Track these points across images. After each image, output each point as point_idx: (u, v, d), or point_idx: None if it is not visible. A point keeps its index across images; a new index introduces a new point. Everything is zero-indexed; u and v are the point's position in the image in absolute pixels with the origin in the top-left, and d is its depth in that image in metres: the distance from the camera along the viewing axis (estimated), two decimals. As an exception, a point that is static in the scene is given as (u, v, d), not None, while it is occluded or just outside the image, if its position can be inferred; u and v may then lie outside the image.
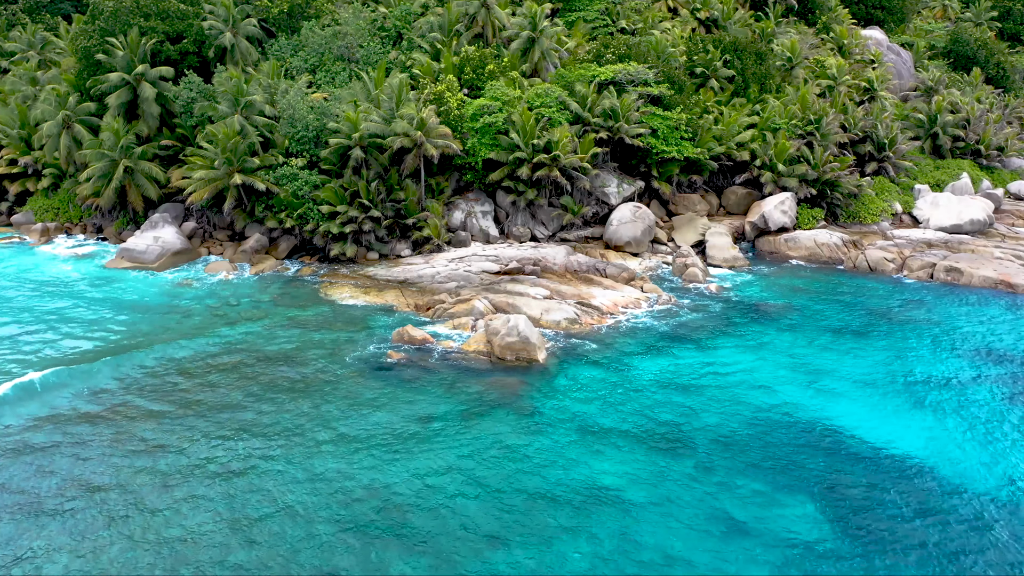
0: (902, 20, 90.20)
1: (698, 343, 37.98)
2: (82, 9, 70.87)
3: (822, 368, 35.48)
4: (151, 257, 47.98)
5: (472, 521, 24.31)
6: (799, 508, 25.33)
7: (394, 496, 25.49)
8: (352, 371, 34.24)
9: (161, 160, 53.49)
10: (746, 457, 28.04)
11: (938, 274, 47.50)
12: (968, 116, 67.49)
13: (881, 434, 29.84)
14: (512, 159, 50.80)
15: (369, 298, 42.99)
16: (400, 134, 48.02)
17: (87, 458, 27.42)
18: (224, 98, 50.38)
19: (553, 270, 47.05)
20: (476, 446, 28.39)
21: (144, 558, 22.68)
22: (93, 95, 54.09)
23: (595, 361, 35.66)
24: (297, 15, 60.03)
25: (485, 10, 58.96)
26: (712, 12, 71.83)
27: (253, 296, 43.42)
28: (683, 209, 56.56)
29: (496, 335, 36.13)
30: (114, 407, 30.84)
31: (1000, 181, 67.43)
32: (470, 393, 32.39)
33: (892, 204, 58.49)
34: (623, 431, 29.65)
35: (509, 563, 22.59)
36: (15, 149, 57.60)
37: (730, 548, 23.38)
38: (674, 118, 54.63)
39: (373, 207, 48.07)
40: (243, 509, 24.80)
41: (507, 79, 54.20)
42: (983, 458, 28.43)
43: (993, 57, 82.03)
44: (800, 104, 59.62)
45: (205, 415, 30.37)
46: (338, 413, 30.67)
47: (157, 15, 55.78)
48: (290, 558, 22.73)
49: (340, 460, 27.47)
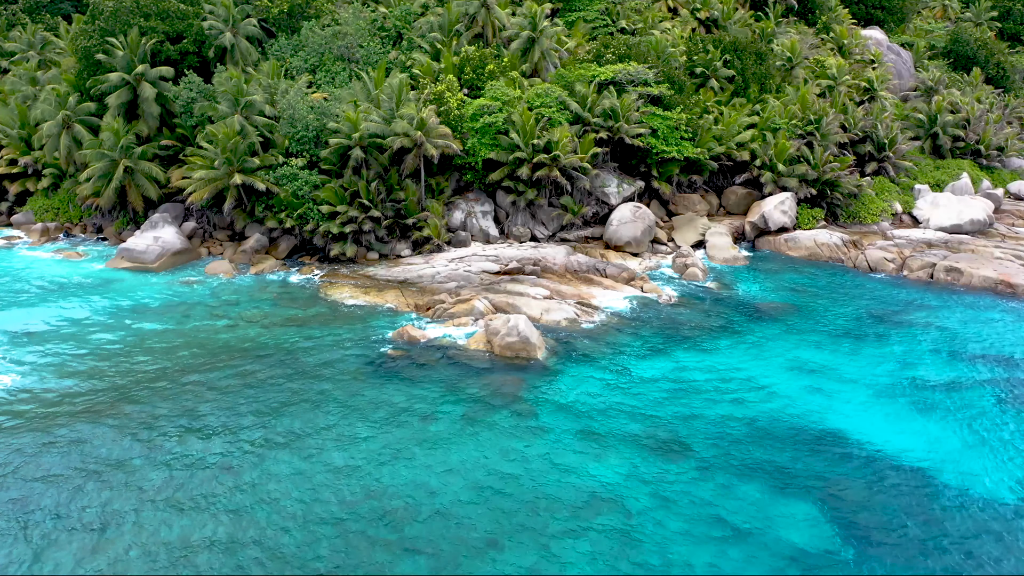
0: (902, 20, 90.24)
1: (698, 343, 37.99)
2: (82, 9, 70.86)
3: (822, 369, 35.48)
4: (151, 257, 47.97)
5: (472, 522, 24.32)
6: (799, 510, 25.33)
7: (394, 496, 25.50)
8: (352, 371, 34.24)
9: (161, 160, 53.50)
10: (746, 459, 28.06)
11: (938, 274, 47.49)
12: (968, 116, 67.50)
13: (881, 435, 29.85)
14: (512, 159, 50.82)
15: (369, 298, 42.99)
16: (400, 134, 48.03)
17: (80, 457, 27.41)
18: (224, 98, 50.38)
19: (553, 270, 47.04)
20: (476, 447, 28.40)
21: (141, 559, 22.69)
22: (93, 95, 54.10)
23: (595, 361, 35.66)
24: (297, 15, 60.04)
25: (485, 10, 58.98)
26: (712, 12, 71.89)
27: (253, 296, 43.43)
28: (683, 209, 56.57)
29: (496, 335, 36.14)
30: (113, 406, 30.84)
31: (1000, 181, 67.45)
32: (470, 393, 32.39)
33: (892, 204, 58.49)
34: (623, 432, 29.66)
35: (509, 564, 22.60)
36: (15, 149, 57.60)
37: (730, 549, 23.40)
38: (674, 118, 54.65)
39: (373, 207, 48.08)
40: (242, 509, 24.81)
41: (507, 79, 54.21)
42: (983, 460, 28.43)
43: (993, 57, 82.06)
44: (800, 104, 59.64)
45: (204, 415, 30.38)
46: (337, 413, 30.68)
47: (157, 15, 55.78)
48: (289, 558, 22.75)
49: (339, 460, 27.47)
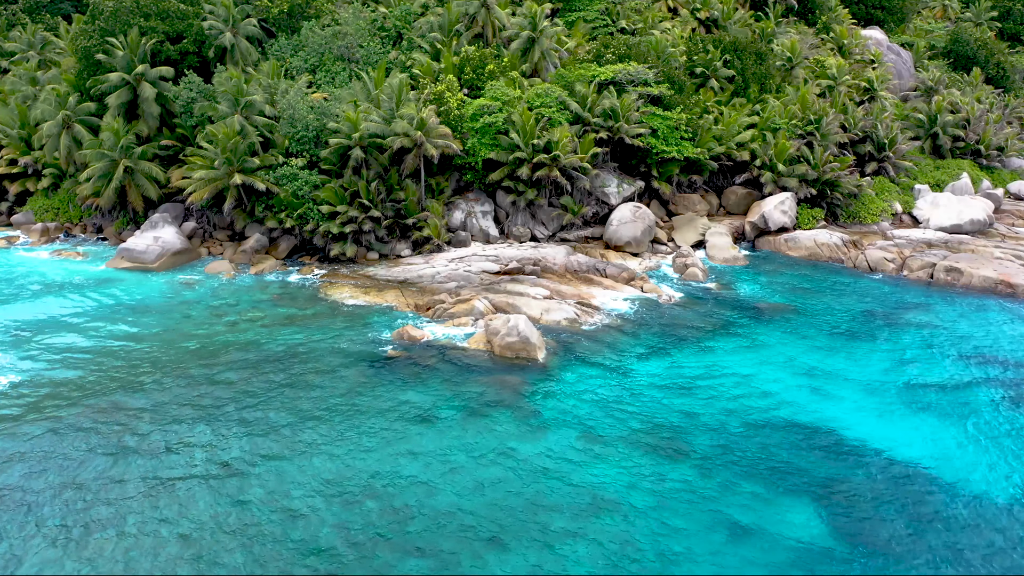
0: (902, 20, 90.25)
1: (698, 343, 37.98)
2: (82, 9, 70.85)
3: (822, 369, 35.48)
4: (151, 257, 47.97)
5: (473, 521, 24.32)
6: (799, 510, 25.33)
7: (394, 497, 25.50)
8: (352, 371, 34.23)
9: (161, 160, 53.50)
10: (746, 459, 28.06)
11: (938, 274, 47.49)
12: (968, 116, 67.50)
13: (881, 436, 29.84)
14: (512, 159, 50.81)
15: (369, 298, 42.99)
16: (400, 134, 48.02)
17: (81, 456, 27.41)
18: (224, 98, 50.38)
19: (553, 270, 47.04)
20: (476, 447, 28.40)
21: (140, 557, 22.68)
22: (93, 95, 54.09)
23: (595, 361, 35.66)
24: (297, 15, 60.04)
25: (485, 10, 58.97)
26: (712, 12, 71.89)
27: (253, 296, 43.42)
28: (683, 209, 56.57)
29: (496, 335, 36.14)
30: (113, 405, 30.84)
31: (1000, 181, 67.45)
32: (470, 393, 32.39)
33: (892, 204, 58.50)
34: (623, 432, 29.65)
35: (510, 564, 22.59)
36: (15, 149, 57.58)
37: (730, 550, 23.39)
38: (674, 118, 54.65)
39: (373, 207, 48.07)
40: (242, 508, 24.80)
41: (507, 79, 54.21)
42: (983, 460, 28.43)
43: (993, 57, 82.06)
44: (800, 104, 59.63)
45: (204, 415, 30.37)
46: (338, 413, 30.68)
47: (157, 15, 55.77)
48: (289, 558, 22.74)
49: (339, 460, 27.48)
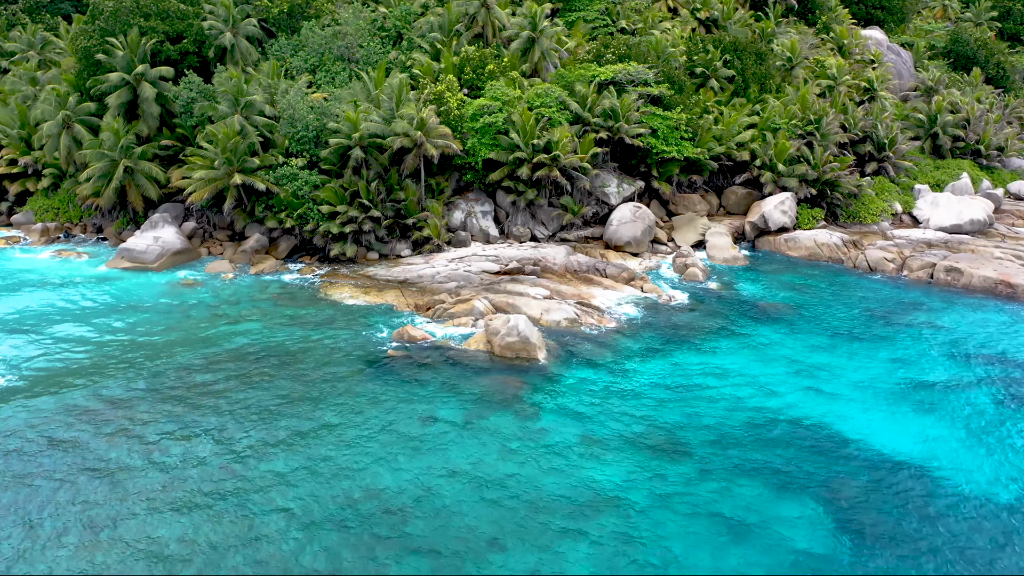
0: (902, 20, 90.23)
1: (698, 343, 37.99)
2: (82, 9, 70.83)
3: (822, 369, 35.48)
4: (151, 257, 47.97)
5: (472, 523, 24.31)
6: (799, 510, 25.33)
7: (394, 497, 25.49)
8: (352, 371, 34.24)
9: (161, 160, 53.47)
10: (746, 459, 28.05)
11: (938, 274, 47.49)
12: (968, 116, 67.50)
13: (881, 435, 29.83)
14: (512, 159, 50.81)
15: (369, 298, 42.99)
16: (400, 134, 48.02)
17: (83, 456, 27.42)
18: (224, 98, 50.37)
19: (553, 270, 47.04)
20: (476, 447, 28.40)
21: (141, 558, 22.68)
22: (93, 95, 54.07)
23: (595, 361, 35.66)
24: (297, 15, 60.03)
25: (485, 10, 58.97)
26: (712, 12, 71.88)
27: (253, 296, 43.42)
28: (683, 209, 56.57)
29: (496, 335, 36.14)
30: (113, 405, 30.83)
31: (1000, 181, 67.46)
32: (470, 393, 32.38)
33: (892, 204, 58.50)
34: (623, 432, 29.65)
35: (510, 564, 22.59)
36: (15, 149, 57.57)
37: (730, 551, 23.39)
38: (674, 118, 54.65)
39: (373, 207, 48.07)
40: (242, 509, 24.80)
41: (507, 79, 54.20)
42: (982, 460, 28.43)
43: (993, 57, 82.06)
44: (800, 104, 59.63)
45: (203, 414, 30.37)
46: (338, 413, 30.68)
47: (157, 15, 55.76)
48: (289, 558, 22.74)
49: (339, 460, 27.46)
